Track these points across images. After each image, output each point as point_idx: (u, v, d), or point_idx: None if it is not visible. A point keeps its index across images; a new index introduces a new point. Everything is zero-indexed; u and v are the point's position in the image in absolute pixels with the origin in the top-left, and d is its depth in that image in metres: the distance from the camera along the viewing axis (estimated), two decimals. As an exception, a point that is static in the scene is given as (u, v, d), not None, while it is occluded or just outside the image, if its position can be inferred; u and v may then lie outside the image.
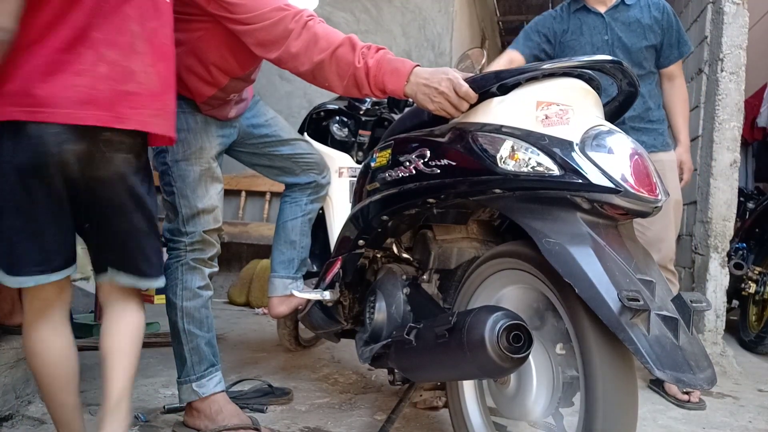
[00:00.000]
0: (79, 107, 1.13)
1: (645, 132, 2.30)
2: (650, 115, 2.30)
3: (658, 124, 2.34)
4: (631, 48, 2.23)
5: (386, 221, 1.52)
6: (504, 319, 1.07)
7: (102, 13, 1.16)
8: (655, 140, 2.31)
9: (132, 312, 1.36)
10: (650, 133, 2.30)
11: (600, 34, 2.26)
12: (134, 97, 1.20)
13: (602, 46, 2.24)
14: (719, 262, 2.84)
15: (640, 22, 2.22)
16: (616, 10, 2.26)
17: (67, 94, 1.12)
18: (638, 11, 2.24)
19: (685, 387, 2.04)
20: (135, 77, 1.20)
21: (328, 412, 1.88)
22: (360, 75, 1.38)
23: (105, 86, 1.16)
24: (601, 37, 2.26)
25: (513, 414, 1.25)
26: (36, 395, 1.72)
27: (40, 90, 1.10)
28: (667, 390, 2.24)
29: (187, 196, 1.65)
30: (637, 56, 2.24)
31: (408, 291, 1.54)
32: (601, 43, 2.25)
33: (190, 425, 1.65)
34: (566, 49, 2.34)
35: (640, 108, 2.27)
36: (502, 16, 6.90)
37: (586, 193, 1.07)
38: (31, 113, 1.10)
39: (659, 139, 2.32)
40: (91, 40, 1.15)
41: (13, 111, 1.10)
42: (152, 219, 1.33)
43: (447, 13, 4.25)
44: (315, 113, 2.26)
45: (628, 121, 2.29)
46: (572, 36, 2.31)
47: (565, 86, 1.21)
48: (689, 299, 1.02)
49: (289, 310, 2.02)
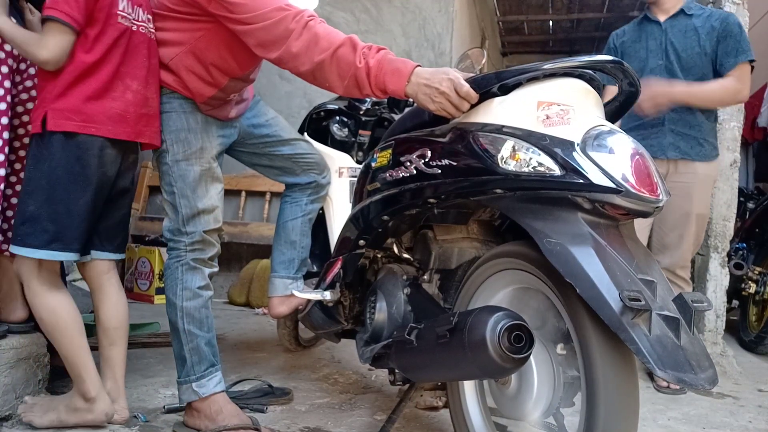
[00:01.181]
0: (115, 125, 1.54)
1: (683, 138, 2.36)
2: (693, 121, 2.35)
3: (698, 131, 2.36)
4: (682, 53, 2.36)
5: (387, 221, 1.52)
6: (505, 319, 1.07)
7: (129, 51, 1.56)
8: (691, 149, 2.36)
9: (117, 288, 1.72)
10: (689, 140, 2.36)
11: (655, 39, 2.42)
12: (147, 118, 1.60)
13: (656, 49, 2.41)
14: (719, 262, 2.84)
15: (697, 30, 2.34)
16: (675, 19, 2.40)
17: (107, 115, 1.53)
18: (698, 20, 2.36)
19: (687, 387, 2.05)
20: (148, 102, 1.60)
21: (328, 412, 1.88)
22: (361, 75, 1.38)
23: (132, 110, 1.56)
24: (655, 42, 2.41)
25: (514, 414, 1.24)
26: (36, 395, 1.72)
27: (88, 110, 1.50)
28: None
29: (188, 196, 1.64)
30: (688, 61, 2.35)
31: (409, 291, 1.54)
32: (655, 47, 2.41)
33: (190, 425, 1.65)
34: (624, 55, 2.50)
35: (684, 111, 2.34)
36: (502, 16, 6.90)
37: (588, 193, 1.07)
38: (83, 127, 1.50)
39: (696, 149, 2.36)
40: (121, 73, 1.55)
41: (68, 123, 1.49)
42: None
43: (447, 13, 4.24)
44: (315, 113, 2.26)
45: (668, 123, 2.36)
46: (630, 43, 2.50)
47: (566, 86, 1.21)
48: (690, 299, 1.02)
49: (289, 311, 2.02)
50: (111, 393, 1.64)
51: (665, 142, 2.37)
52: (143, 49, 1.59)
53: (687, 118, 2.36)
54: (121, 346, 1.68)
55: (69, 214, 1.51)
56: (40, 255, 1.50)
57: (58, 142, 1.49)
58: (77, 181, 1.51)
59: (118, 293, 1.71)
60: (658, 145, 2.37)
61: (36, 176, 1.50)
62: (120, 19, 1.54)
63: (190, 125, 1.64)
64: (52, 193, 1.50)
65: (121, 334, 1.69)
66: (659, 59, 2.40)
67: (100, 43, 1.51)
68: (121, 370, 1.68)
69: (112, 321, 1.67)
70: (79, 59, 1.49)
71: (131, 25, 1.57)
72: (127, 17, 1.55)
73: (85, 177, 1.52)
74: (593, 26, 7.16)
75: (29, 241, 1.50)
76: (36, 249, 1.50)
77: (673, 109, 2.35)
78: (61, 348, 1.58)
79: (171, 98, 1.63)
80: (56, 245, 1.51)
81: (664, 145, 2.37)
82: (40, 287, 1.55)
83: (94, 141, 1.52)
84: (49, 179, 1.50)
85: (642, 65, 2.43)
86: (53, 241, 1.50)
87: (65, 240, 1.52)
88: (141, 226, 4.20)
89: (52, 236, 1.50)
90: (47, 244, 1.50)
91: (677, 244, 2.41)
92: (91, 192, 1.54)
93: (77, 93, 1.49)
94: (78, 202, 1.52)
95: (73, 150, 1.50)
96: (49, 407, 1.61)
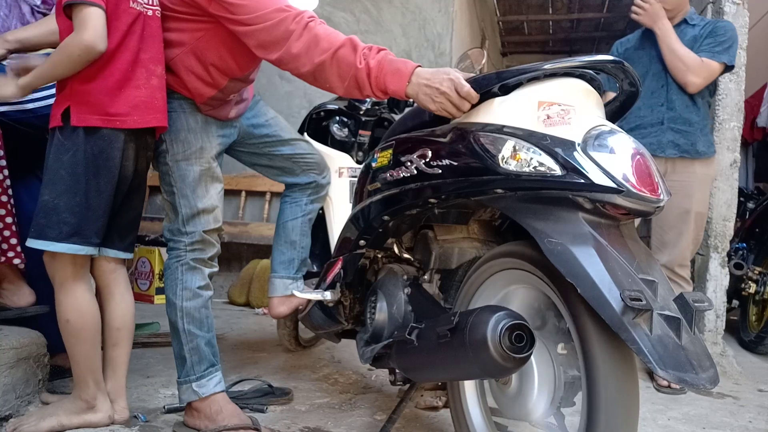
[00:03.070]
0: (142, 113, 1.52)
1: (682, 135, 2.42)
2: (691, 119, 2.41)
3: (696, 128, 2.42)
4: None
5: (387, 221, 1.52)
6: (506, 318, 1.07)
7: (146, 37, 1.54)
8: (691, 146, 2.41)
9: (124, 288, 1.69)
10: (687, 137, 2.42)
11: (656, 47, 2.47)
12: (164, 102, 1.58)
13: (657, 55, 2.46)
14: (719, 262, 2.84)
15: (696, 38, 2.43)
16: (677, 28, 2.46)
17: (132, 104, 1.50)
18: (697, 29, 2.45)
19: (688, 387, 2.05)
20: (167, 86, 1.59)
21: (328, 412, 1.88)
22: (361, 76, 1.38)
23: (159, 95, 1.56)
24: (657, 49, 2.47)
25: (514, 414, 1.25)
26: (36, 395, 1.72)
27: (112, 103, 1.48)
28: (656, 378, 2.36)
29: (188, 195, 1.64)
30: None
31: (409, 291, 1.54)
32: (658, 53, 2.46)
33: (190, 425, 1.65)
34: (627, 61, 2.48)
35: (683, 110, 2.41)
36: (502, 16, 6.90)
37: (588, 193, 1.07)
38: (107, 121, 1.48)
39: (694, 146, 2.41)
40: (142, 60, 1.53)
41: (93, 118, 1.47)
42: None
43: (447, 13, 4.24)
44: (315, 113, 2.26)
45: (667, 122, 2.42)
46: (633, 50, 2.58)
47: (567, 86, 1.21)
48: (691, 299, 1.02)
49: (289, 311, 2.02)
50: (111, 393, 1.63)
51: (664, 139, 2.43)
52: (157, 33, 1.57)
53: (686, 116, 2.42)
54: (124, 348, 1.66)
55: (89, 207, 1.49)
56: (59, 248, 1.47)
57: (82, 134, 1.47)
58: (99, 174, 1.49)
59: (124, 294, 1.68)
60: (657, 143, 2.43)
61: (56, 167, 1.48)
62: (132, 3, 1.51)
63: (189, 125, 1.64)
64: (74, 185, 1.48)
65: (125, 335, 1.66)
66: (661, 64, 2.46)
67: (115, 30, 1.48)
68: (122, 371, 1.66)
69: (116, 321, 1.64)
70: None
71: (145, 10, 1.54)
72: (139, 2, 1.53)
73: (107, 170, 1.50)
74: (593, 26, 7.16)
75: (48, 234, 1.47)
76: (54, 242, 1.47)
77: (672, 109, 2.43)
78: (77, 353, 1.56)
79: (171, 98, 1.63)
80: (76, 238, 1.48)
81: (663, 143, 2.43)
82: (73, 287, 1.53)
83: (119, 134, 1.50)
84: (71, 171, 1.47)
85: (645, 70, 2.50)
86: (73, 234, 1.48)
87: (85, 233, 1.49)
88: (141, 226, 4.18)
89: (73, 229, 1.47)
90: (67, 237, 1.47)
91: (676, 242, 2.45)
92: (113, 186, 1.52)
93: (98, 85, 1.47)
94: (100, 196, 1.50)
95: (98, 142, 1.48)
96: (46, 414, 1.57)
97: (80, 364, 1.57)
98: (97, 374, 1.59)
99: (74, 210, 1.48)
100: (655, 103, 2.47)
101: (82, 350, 1.56)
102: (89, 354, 1.56)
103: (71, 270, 1.52)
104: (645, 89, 2.49)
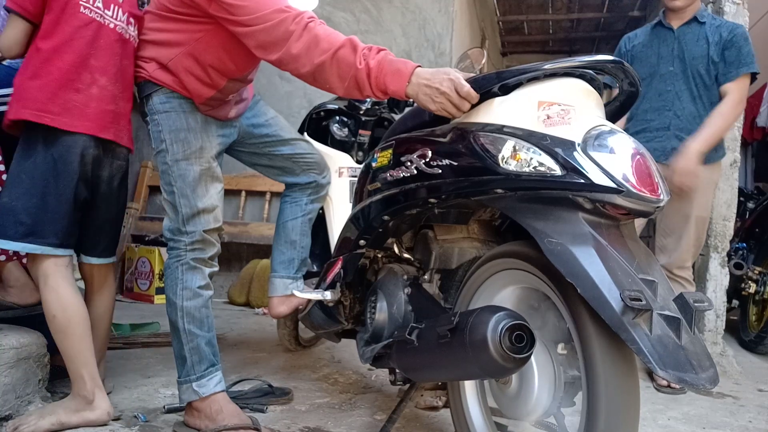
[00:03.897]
0: (73, 118, 1.56)
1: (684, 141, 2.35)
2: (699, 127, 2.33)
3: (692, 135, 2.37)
4: (692, 61, 2.40)
5: (387, 221, 1.52)
6: (506, 319, 1.07)
7: (101, 47, 1.59)
8: None
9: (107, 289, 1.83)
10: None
11: (667, 46, 2.48)
12: (113, 115, 1.64)
13: (667, 56, 2.46)
14: (719, 262, 2.85)
15: (707, 38, 2.40)
16: (688, 26, 2.45)
17: (65, 107, 1.54)
18: (708, 29, 2.41)
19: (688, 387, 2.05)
20: (116, 100, 1.64)
21: (328, 412, 1.88)
22: (361, 76, 1.38)
23: (94, 104, 1.59)
24: (667, 49, 2.47)
25: (514, 414, 1.24)
26: (36, 395, 1.72)
27: (46, 100, 1.52)
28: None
29: (188, 195, 1.64)
30: (697, 67, 2.39)
31: (409, 291, 1.54)
32: (667, 53, 2.46)
33: (191, 425, 1.65)
34: (635, 59, 2.53)
35: (688, 117, 2.39)
36: (502, 16, 6.89)
37: (588, 193, 1.07)
38: (38, 116, 1.52)
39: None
40: (90, 66, 1.58)
41: (26, 112, 1.52)
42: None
43: (447, 13, 4.24)
44: (315, 113, 2.26)
45: (673, 129, 2.39)
46: (642, 48, 2.55)
47: (567, 86, 1.21)
48: (691, 299, 1.02)
49: (289, 310, 2.02)
50: None
51: (669, 146, 2.39)
52: (117, 48, 1.62)
53: (692, 127, 2.36)
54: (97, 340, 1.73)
55: (47, 210, 1.55)
56: (14, 247, 1.55)
57: (42, 139, 1.54)
58: (59, 179, 1.55)
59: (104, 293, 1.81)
60: (662, 149, 2.39)
61: (17, 171, 1.55)
62: (83, 9, 1.57)
63: (189, 125, 1.64)
64: (32, 188, 1.54)
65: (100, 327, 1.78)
66: (669, 66, 2.44)
67: (59, 32, 1.54)
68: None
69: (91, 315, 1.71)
70: (35, 46, 1.55)
71: (101, 20, 1.60)
72: (94, 10, 1.59)
73: (67, 174, 1.56)
74: (593, 26, 7.16)
75: (5, 233, 1.54)
76: (10, 241, 1.54)
77: (680, 117, 2.40)
78: (68, 348, 1.60)
79: (170, 98, 1.63)
80: (31, 238, 1.54)
81: (668, 150, 2.38)
82: (54, 284, 1.58)
83: (77, 140, 1.56)
84: (30, 175, 1.54)
85: (652, 70, 2.47)
86: (29, 234, 1.54)
87: (42, 233, 1.55)
88: (141, 226, 4.20)
89: (28, 229, 1.54)
90: (23, 237, 1.54)
91: (675, 245, 2.44)
92: (70, 190, 1.57)
93: (37, 82, 1.53)
94: (59, 199, 1.56)
95: (57, 148, 1.54)
96: (45, 412, 1.59)
97: (73, 359, 1.60)
98: (90, 368, 1.62)
99: (30, 211, 1.54)
100: (662, 107, 2.44)
101: (72, 345, 1.60)
102: (80, 348, 1.60)
103: (52, 269, 1.58)
104: (651, 90, 2.46)
